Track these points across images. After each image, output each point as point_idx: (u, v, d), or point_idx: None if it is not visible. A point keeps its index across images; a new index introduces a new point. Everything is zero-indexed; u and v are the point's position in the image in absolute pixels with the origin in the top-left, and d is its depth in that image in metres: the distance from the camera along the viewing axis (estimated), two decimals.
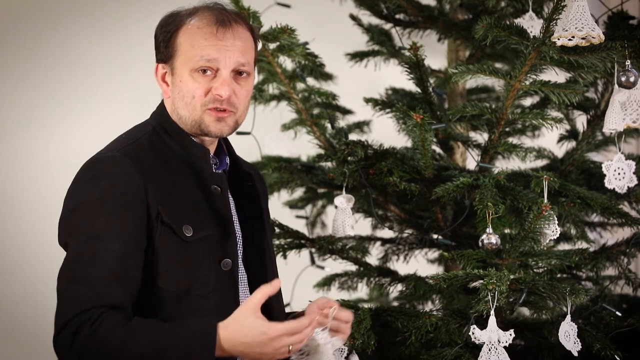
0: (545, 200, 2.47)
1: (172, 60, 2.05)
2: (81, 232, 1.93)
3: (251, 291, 2.09)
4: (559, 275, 2.71)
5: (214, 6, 2.07)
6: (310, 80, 2.98)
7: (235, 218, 2.11)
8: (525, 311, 2.89)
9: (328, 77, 3.05)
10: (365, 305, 2.64)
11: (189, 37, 2.03)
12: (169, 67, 2.06)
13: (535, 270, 2.59)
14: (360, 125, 3.20)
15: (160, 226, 1.96)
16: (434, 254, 3.17)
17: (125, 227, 1.93)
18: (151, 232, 1.95)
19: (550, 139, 3.14)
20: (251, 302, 1.88)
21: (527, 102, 2.95)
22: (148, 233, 1.95)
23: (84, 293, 1.89)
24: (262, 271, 2.12)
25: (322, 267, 3.02)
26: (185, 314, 1.96)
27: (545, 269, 2.60)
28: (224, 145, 2.17)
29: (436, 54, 3.16)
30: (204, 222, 2.01)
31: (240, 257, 2.09)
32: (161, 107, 2.11)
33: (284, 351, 1.89)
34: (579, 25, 2.33)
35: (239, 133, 2.69)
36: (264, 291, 1.89)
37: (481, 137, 2.88)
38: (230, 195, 2.12)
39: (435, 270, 3.22)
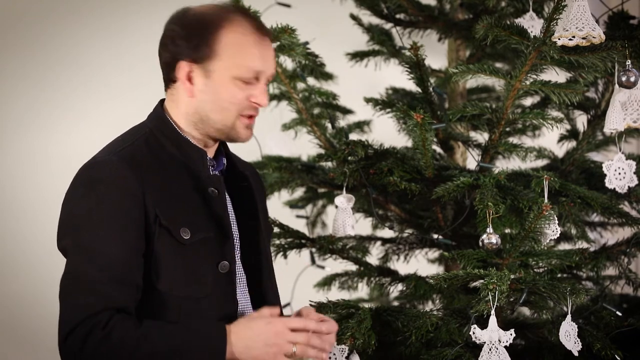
0: (546, 200, 2.47)
1: (208, 61, 2.01)
2: (81, 237, 1.93)
3: (250, 292, 2.09)
4: (559, 275, 2.71)
5: (241, 9, 2.07)
6: (311, 80, 2.98)
7: (232, 219, 2.11)
8: (526, 311, 2.89)
9: (328, 76, 3.05)
10: (366, 305, 2.64)
11: (236, 44, 2.00)
12: (201, 67, 2.01)
13: (535, 270, 2.59)
14: (360, 125, 3.20)
15: (159, 229, 1.95)
16: (434, 253, 3.17)
17: (124, 232, 1.92)
18: (149, 235, 1.95)
19: (550, 139, 3.14)
20: (257, 313, 1.98)
21: (528, 102, 2.95)
22: (146, 237, 1.95)
23: (89, 297, 1.88)
24: (259, 272, 2.12)
25: (323, 267, 3.02)
26: (184, 317, 1.96)
27: (546, 268, 2.60)
28: (221, 146, 2.16)
29: (436, 54, 3.16)
30: (201, 224, 2.00)
31: (238, 258, 2.09)
32: (158, 108, 2.09)
33: (287, 349, 1.92)
34: (579, 25, 2.33)
35: None
36: (267, 312, 1.98)
37: (481, 137, 2.88)
38: (228, 196, 2.12)
39: (436, 270, 3.22)
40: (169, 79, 2.06)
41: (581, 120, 2.98)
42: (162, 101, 2.12)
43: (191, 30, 2.02)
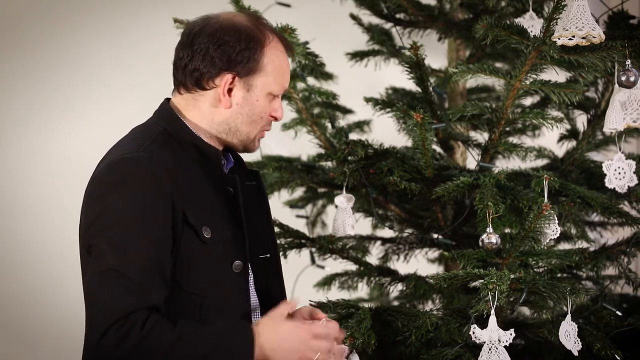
0: (546, 200, 2.47)
1: (251, 76, 2.03)
2: (115, 236, 1.90)
3: (257, 291, 2.09)
4: (559, 275, 2.71)
5: (269, 24, 2.08)
6: (311, 80, 2.98)
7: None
8: (526, 311, 2.89)
9: (328, 76, 3.05)
10: (366, 305, 2.64)
11: (277, 62, 2.04)
12: (243, 81, 2.03)
13: (535, 269, 2.59)
14: (360, 125, 3.20)
15: (185, 227, 1.94)
16: (434, 253, 3.17)
17: (157, 230, 1.91)
18: (176, 233, 1.94)
19: (550, 139, 3.15)
20: (278, 310, 1.97)
21: (528, 101, 2.96)
22: (174, 234, 1.93)
23: (126, 296, 1.87)
24: (266, 271, 2.12)
25: (323, 267, 3.02)
26: (205, 316, 1.96)
27: (546, 268, 2.60)
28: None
29: (436, 54, 3.16)
30: (219, 224, 2.00)
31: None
32: (167, 107, 2.07)
33: (310, 356, 1.95)
34: (579, 24, 2.33)
35: None
36: (287, 308, 1.98)
37: (481, 136, 2.88)
38: None
39: (436, 269, 3.22)
40: (197, 85, 2.03)
41: (581, 120, 2.98)
42: (167, 100, 2.10)
43: (244, 45, 2.01)
